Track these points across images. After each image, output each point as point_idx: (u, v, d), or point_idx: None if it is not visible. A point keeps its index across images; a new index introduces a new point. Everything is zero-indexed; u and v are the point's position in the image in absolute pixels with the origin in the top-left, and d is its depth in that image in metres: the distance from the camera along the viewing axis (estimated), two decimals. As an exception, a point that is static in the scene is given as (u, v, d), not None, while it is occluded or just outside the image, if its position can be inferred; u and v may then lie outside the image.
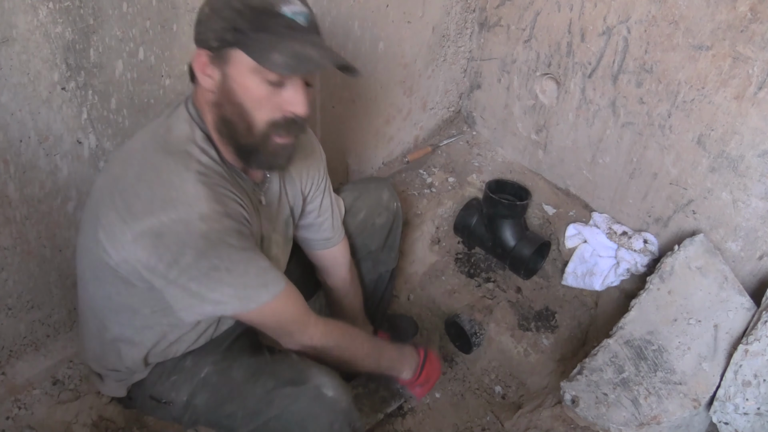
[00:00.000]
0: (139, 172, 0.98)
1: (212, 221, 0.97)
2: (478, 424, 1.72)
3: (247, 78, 0.96)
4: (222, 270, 0.99)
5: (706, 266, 1.61)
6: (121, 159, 1.03)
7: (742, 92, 1.45)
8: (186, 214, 0.95)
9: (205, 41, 0.97)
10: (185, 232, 0.95)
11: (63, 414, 1.43)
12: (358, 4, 1.66)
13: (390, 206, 1.57)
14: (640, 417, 1.34)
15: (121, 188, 0.98)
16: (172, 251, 0.96)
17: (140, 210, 0.95)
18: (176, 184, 0.96)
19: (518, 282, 1.99)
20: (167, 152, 0.99)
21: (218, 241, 0.97)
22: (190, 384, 1.21)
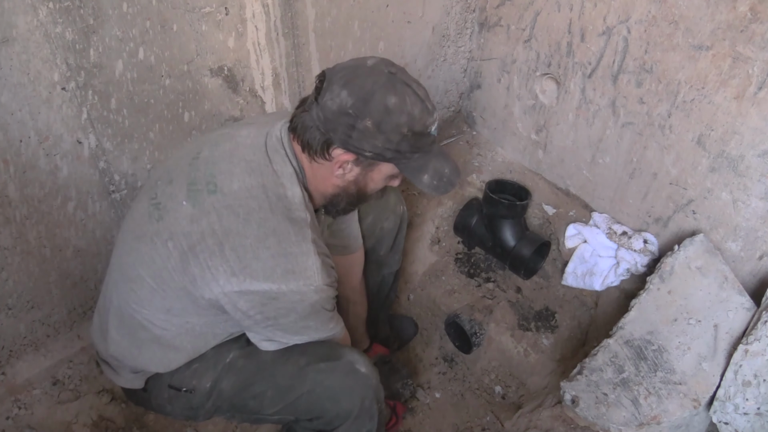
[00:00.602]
0: (259, 234, 1.03)
1: (323, 292, 1.08)
2: (478, 424, 1.72)
3: (382, 180, 1.12)
4: (311, 329, 1.15)
5: (706, 266, 1.61)
6: (232, 210, 1.04)
7: (742, 92, 1.45)
8: (305, 287, 1.05)
9: (359, 149, 1.02)
10: (299, 301, 1.06)
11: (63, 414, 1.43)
12: (358, 4, 1.66)
13: (396, 210, 1.58)
14: (640, 417, 1.34)
15: (235, 244, 1.02)
16: (278, 312, 1.07)
17: (259, 274, 1.02)
18: (298, 256, 1.04)
19: (518, 282, 1.99)
20: (287, 218, 1.06)
21: (320, 309, 1.11)
22: (214, 370, 1.24)
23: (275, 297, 1.04)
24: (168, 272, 1.07)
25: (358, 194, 1.14)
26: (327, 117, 1.00)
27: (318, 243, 1.08)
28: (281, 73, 1.60)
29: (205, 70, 1.43)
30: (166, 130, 1.45)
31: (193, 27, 1.34)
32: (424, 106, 1.03)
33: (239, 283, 1.02)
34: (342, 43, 1.69)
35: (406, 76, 1.04)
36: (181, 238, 1.04)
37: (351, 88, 0.98)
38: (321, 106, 1.00)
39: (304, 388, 1.19)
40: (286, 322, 1.10)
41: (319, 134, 1.02)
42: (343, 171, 1.06)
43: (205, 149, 1.12)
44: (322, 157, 1.04)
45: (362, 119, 0.98)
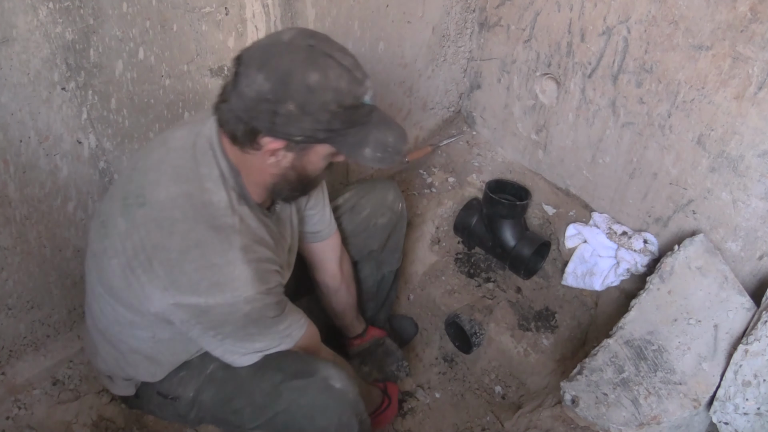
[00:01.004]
0: (182, 248, 0.99)
1: (255, 302, 1.03)
2: (478, 424, 1.72)
3: (322, 160, 1.04)
4: (255, 335, 1.10)
5: (706, 266, 1.61)
6: (156, 222, 1.01)
7: (742, 92, 1.45)
8: (232, 299, 1.01)
9: (287, 135, 0.95)
10: (229, 313, 1.02)
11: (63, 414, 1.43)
12: (358, 4, 1.66)
13: (394, 207, 1.56)
14: (640, 417, 1.34)
15: (162, 258, 0.99)
16: (213, 323, 1.04)
17: (186, 287, 0.99)
18: (222, 267, 1.00)
19: (518, 282, 1.99)
20: (210, 227, 1.01)
21: (258, 317, 1.07)
22: (197, 380, 1.22)
23: (206, 310, 1.01)
24: (118, 290, 1.06)
25: (300, 179, 1.07)
26: (247, 105, 0.93)
27: (250, 249, 1.03)
28: (281, 73, 1.59)
29: (205, 70, 1.43)
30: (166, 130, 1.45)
31: (193, 27, 1.34)
32: (352, 76, 0.95)
33: (172, 297, 1.00)
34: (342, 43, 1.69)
35: (328, 46, 0.95)
36: (121, 255, 1.03)
37: (267, 71, 0.90)
38: (239, 94, 0.93)
39: (279, 407, 1.16)
40: (226, 332, 1.07)
41: (242, 124, 0.95)
42: (276, 158, 1.00)
43: (141, 159, 1.09)
44: (251, 147, 0.98)
45: (283, 103, 0.91)
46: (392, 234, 1.60)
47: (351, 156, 1.02)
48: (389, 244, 1.61)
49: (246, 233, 1.04)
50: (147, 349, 1.17)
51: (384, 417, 1.58)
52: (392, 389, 1.63)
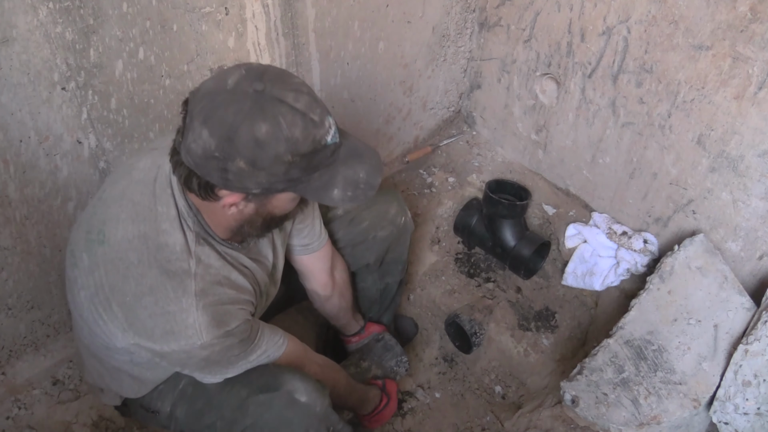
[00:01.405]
0: (136, 293, 0.97)
1: (213, 346, 1.01)
2: (478, 424, 1.72)
3: (288, 203, 1.00)
4: (223, 370, 1.12)
5: (706, 266, 1.61)
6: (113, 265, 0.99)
7: (742, 92, 1.45)
8: (187, 346, 0.99)
9: (243, 188, 0.90)
10: (186, 358, 1.03)
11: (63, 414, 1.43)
12: (358, 4, 1.66)
13: (396, 221, 1.52)
14: (640, 417, 1.34)
15: (119, 301, 0.98)
16: (175, 364, 1.08)
17: (142, 332, 0.99)
18: (176, 315, 0.97)
19: (518, 282, 1.99)
20: (164, 272, 0.97)
21: (219, 359, 1.06)
22: (172, 395, 1.22)
23: (163, 355, 1.01)
24: (88, 320, 1.05)
25: (266, 222, 1.03)
26: (196, 162, 0.87)
27: (207, 292, 0.99)
28: (281, 73, 1.59)
29: (205, 70, 1.43)
30: (166, 130, 1.45)
31: (193, 27, 1.34)
32: (307, 120, 0.87)
33: (131, 338, 0.99)
34: (342, 43, 1.69)
35: (278, 87, 0.86)
36: (87, 289, 1.02)
37: (211, 126, 0.83)
38: (187, 149, 0.87)
39: (246, 422, 1.14)
40: (190, 371, 1.10)
41: (196, 178, 0.89)
42: (237, 208, 0.95)
43: (107, 188, 1.06)
44: (209, 198, 0.92)
45: (232, 161, 0.84)
46: (393, 247, 1.56)
47: (318, 200, 0.96)
48: (389, 257, 1.58)
49: (203, 276, 1.00)
50: (129, 369, 1.16)
51: (382, 416, 1.58)
52: (391, 387, 1.61)
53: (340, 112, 1.84)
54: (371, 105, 1.93)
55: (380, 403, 1.57)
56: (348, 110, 1.86)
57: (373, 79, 1.87)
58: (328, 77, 1.73)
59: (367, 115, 1.95)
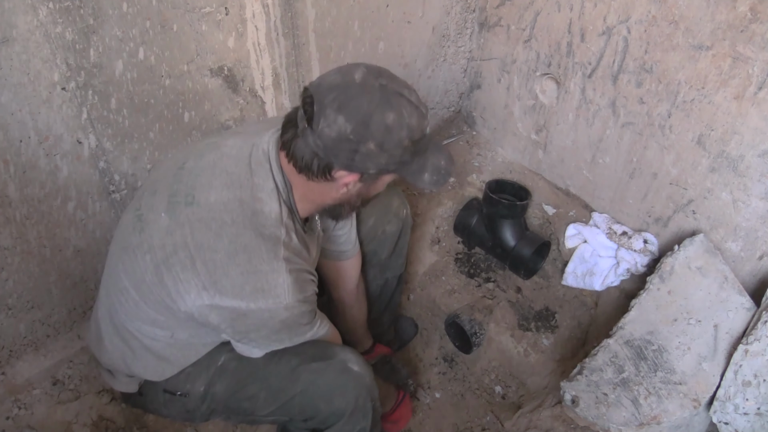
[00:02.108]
0: (229, 250, 1.02)
1: (294, 309, 1.07)
2: (478, 424, 1.72)
3: (384, 184, 1.12)
4: (285, 340, 1.16)
5: (706, 266, 1.61)
6: (205, 224, 1.03)
7: (742, 92, 1.45)
8: (274, 305, 1.04)
9: (363, 169, 1.01)
10: (269, 318, 1.06)
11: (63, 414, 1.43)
12: (358, 4, 1.66)
13: (399, 213, 1.56)
14: (640, 417, 1.34)
15: (206, 258, 1.02)
16: (248, 328, 1.08)
17: (228, 290, 1.02)
18: (268, 274, 1.03)
19: (518, 282, 1.99)
20: (259, 235, 1.03)
21: (293, 324, 1.11)
22: (207, 374, 1.24)
23: (244, 314, 1.03)
24: (147, 285, 1.07)
25: (363, 203, 1.15)
26: (326, 144, 0.97)
27: (292, 260, 1.07)
28: (281, 73, 1.59)
29: (205, 70, 1.43)
30: (166, 130, 1.45)
31: (193, 27, 1.34)
32: (419, 112, 1.01)
33: (210, 298, 1.02)
34: (342, 43, 1.69)
35: (396, 84, 1.00)
36: (158, 250, 1.04)
37: (347, 113, 0.95)
38: (318, 134, 0.96)
39: (297, 389, 1.19)
40: (257, 337, 1.11)
41: (318, 159, 1.00)
42: (347, 189, 1.06)
43: (191, 159, 1.11)
44: (323, 179, 1.02)
45: (364, 143, 0.96)
46: (399, 240, 1.59)
47: (413, 181, 1.08)
48: (396, 250, 1.61)
49: (289, 246, 1.07)
50: (161, 348, 1.18)
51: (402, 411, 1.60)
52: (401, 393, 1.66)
53: (340, 112, 1.83)
54: (371, 105, 1.93)
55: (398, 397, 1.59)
56: (348, 110, 1.86)
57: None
58: (328, 77, 1.72)
59: (367, 115, 1.94)
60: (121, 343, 1.20)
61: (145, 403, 1.32)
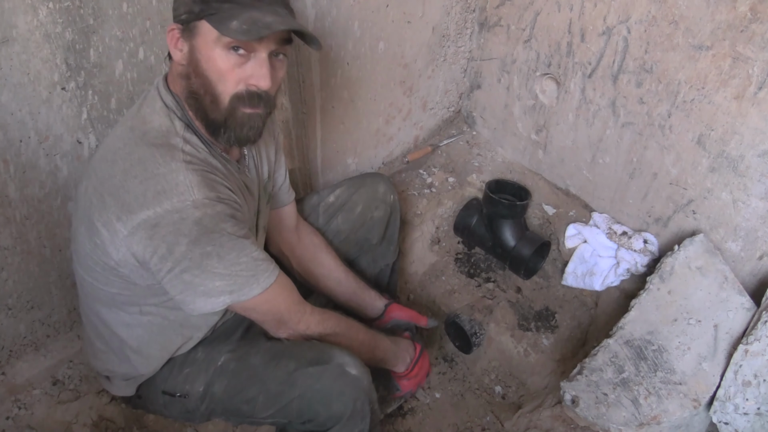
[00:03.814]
0: (125, 168, 0.99)
1: (205, 207, 0.98)
2: (478, 424, 1.72)
3: (212, 49, 0.98)
4: (214, 256, 0.99)
5: (706, 266, 1.61)
6: (103, 159, 1.03)
7: (742, 92, 1.45)
8: (180, 203, 0.96)
9: (178, 16, 1.00)
10: (180, 220, 0.96)
11: (63, 414, 1.43)
12: (358, 4, 1.66)
13: (386, 199, 1.58)
14: (640, 417, 1.34)
15: (110, 188, 0.99)
16: (166, 241, 0.97)
17: (133, 205, 0.96)
18: (166, 175, 0.97)
19: (518, 282, 1.99)
20: (151, 145, 1.00)
21: (212, 227, 0.98)
22: (206, 374, 1.23)
23: (156, 223, 0.96)
24: (89, 257, 1.06)
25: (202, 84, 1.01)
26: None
27: (194, 163, 1.01)
28: (281, 73, 1.59)
29: (205, 70, 1.43)
30: (166, 130, 1.45)
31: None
32: None
33: (124, 225, 0.97)
34: (342, 43, 1.69)
35: None
36: (84, 214, 1.04)
37: None
38: None
39: (294, 393, 1.17)
40: (180, 253, 0.97)
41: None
42: (177, 50, 1.02)
43: None
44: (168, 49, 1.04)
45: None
46: (388, 226, 1.61)
47: (218, 27, 0.96)
48: (386, 236, 1.63)
49: (190, 153, 1.02)
50: (136, 336, 1.17)
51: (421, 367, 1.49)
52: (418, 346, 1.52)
53: (340, 112, 1.84)
54: (371, 105, 1.93)
55: (415, 352, 1.49)
56: (348, 110, 1.86)
57: (373, 79, 1.87)
58: (328, 77, 1.73)
59: (367, 115, 1.95)
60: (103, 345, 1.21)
61: (145, 405, 1.32)
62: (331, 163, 1.93)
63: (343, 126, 1.88)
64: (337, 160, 1.94)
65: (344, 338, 1.27)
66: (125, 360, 1.22)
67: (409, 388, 1.51)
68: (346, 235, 1.56)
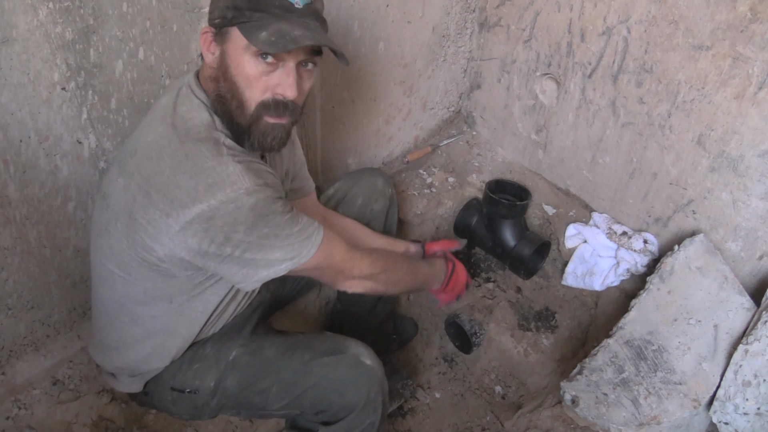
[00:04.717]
0: (173, 164, 0.99)
1: (258, 193, 1.01)
2: (478, 424, 1.72)
3: (241, 55, 1.00)
4: (271, 237, 1.03)
5: (706, 266, 1.61)
6: (147, 158, 1.03)
7: (742, 92, 1.45)
8: (234, 193, 0.98)
9: (212, 19, 1.02)
10: (235, 209, 0.99)
11: (63, 414, 1.43)
12: (358, 4, 1.66)
13: (385, 192, 1.60)
14: (640, 417, 1.34)
15: (157, 184, 1.00)
16: (224, 230, 0.99)
17: (186, 200, 0.98)
18: (216, 168, 0.99)
19: (518, 282, 1.99)
20: (197, 140, 1.01)
21: (265, 211, 1.02)
22: (216, 369, 1.24)
23: (212, 216, 0.98)
24: (125, 253, 1.07)
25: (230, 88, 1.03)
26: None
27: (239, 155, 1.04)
28: (281, 73, 1.59)
29: (205, 70, 1.43)
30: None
31: (193, 27, 1.34)
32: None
33: (176, 221, 0.98)
34: (342, 44, 1.69)
35: None
36: (122, 213, 1.04)
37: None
38: None
39: (309, 383, 1.19)
40: (239, 238, 1.01)
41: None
42: (210, 52, 1.04)
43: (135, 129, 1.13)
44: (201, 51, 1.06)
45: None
46: (387, 220, 1.63)
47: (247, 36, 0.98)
48: (385, 230, 1.64)
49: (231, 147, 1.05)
50: (165, 320, 1.18)
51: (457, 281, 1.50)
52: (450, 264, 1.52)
53: (340, 112, 1.84)
54: (371, 105, 1.93)
55: (448, 268, 1.50)
56: (348, 110, 1.86)
57: (373, 79, 1.87)
58: (329, 77, 1.73)
59: (367, 115, 1.95)
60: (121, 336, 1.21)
61: (152, 402, 1.32)
62: (331, 163, 1.93)
63: (343, 126, 1.88)
64: (337, 160, 1.94)
65: (393, 272, 1.29)
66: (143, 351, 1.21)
67: (447, 300, 1.52)
68: None
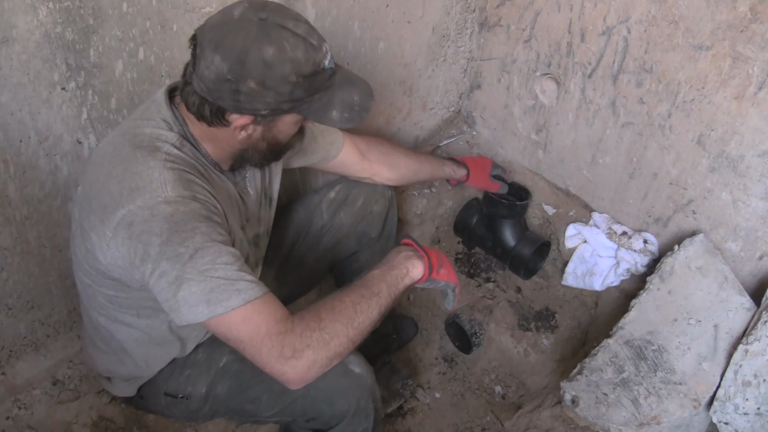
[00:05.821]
0: (108, 170, 0.99)
1: (177, 204, 0.95)
2: (478, 424, 1.72)
3: (291, 127, 1.06)
4: (188, 261, 0.92)
5: (706, 266, 1.61)
6: (93, 164, 1.05)
7: (742, 92, 1.45)
8: (151, 199, 0.94)
9: (252, 110, 0.97)
10: (150, 217, 0.93)
11: (63, 414, 1.43)
12: (358, 4, 1.66)
13: (385, 193, 1.61)
14: (640, 417, 1.34)
15: (94, 191, 1.00)
16: (142, 241, 0.93)
17: (112, 204, 0.96)
18: (142, 172, 0.97)
19: (518, 282, 1.99)
20: (135, 147, 1.00)
21: (183, 225, 0.93)
22: (208, 375, 1.23)
23: (131, 221, 0.94)
24: (85, 261, 1.07)
25: (271, 147, 1.08)
26: (209, 87, 0.94)
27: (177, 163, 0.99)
28: (281, 73, 1.59)
29: (205, 70, 1.43)
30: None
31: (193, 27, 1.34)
32: (308, 44, 0.95)
33: (105, 226, 0.96)
34: (342, 43, 1.69)
35: (280, 16, 0.95)
36: (78, 219, 1.05)
37: (223, 51, 0.91)
38: (199, 76, 0.94)
39: (298, 392, 1.13)
40: (156, 254, 0.92)
41: (208, 105, 0.97)
42: (246, 132, 1.02)
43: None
44: (220, 124, 1.00)
45: (244, 82, 0.92)
46: (386, 221, 1.64)
47: (319, 120, 1.02)
48: (384, 232, 1.64)
49: (175, 157, 1.01)
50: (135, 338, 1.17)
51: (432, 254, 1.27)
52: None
53: (340, 112, 1.84)
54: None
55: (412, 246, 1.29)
56: (348, 110, 1.86)
57: (373, 79, 1.87)
58: (328, 77, 1.73)
59: (367, 115, 1.95)
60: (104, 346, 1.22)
61: (147, 406, 1.32)
62: (331, 163, 1.93)
63: (343, 126, 1.88)
64: (337, 160, 1.94)
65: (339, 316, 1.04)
66: (124, 361, 1.22)
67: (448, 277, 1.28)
68: (347, 229, 1.58)
